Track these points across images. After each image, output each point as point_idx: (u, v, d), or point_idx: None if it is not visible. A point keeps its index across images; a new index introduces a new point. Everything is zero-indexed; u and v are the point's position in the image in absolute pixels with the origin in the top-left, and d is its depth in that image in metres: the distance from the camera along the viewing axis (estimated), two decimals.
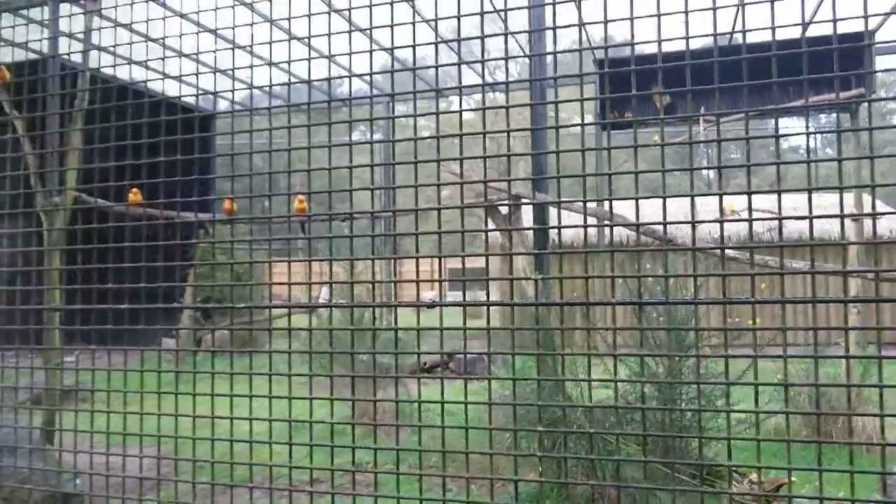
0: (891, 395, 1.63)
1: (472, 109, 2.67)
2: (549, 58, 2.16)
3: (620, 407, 2.98)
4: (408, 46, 2.50)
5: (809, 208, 1.72)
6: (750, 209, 1.81)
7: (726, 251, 4.78)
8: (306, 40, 2.50)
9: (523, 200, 6.20)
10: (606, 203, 2.13)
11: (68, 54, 3.74)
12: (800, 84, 1.83)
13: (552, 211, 6.73)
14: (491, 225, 6.66)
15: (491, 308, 2.16)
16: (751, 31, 1.85)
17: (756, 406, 1.64)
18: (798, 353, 1.74)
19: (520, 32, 2.65)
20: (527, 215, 7.95)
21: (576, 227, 2.19)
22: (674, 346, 4.46)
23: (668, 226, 1.83)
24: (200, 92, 4.20)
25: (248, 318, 5.89)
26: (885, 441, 1.53)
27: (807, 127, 1.90)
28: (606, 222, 5.28)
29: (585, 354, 1.90)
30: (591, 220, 6.00)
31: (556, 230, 9.13)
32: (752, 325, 1.86)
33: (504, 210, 6.43)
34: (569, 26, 2.15)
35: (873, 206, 6.19)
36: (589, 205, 4.96)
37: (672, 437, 3.66)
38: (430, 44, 2.51)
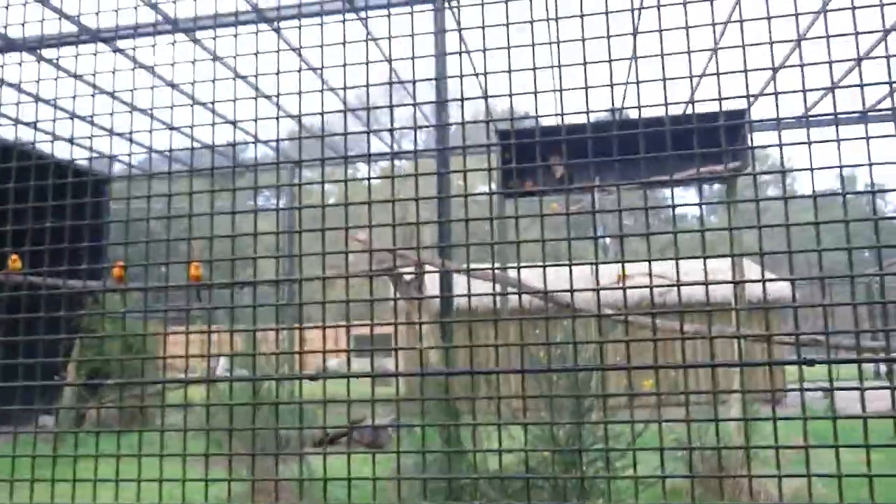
0: (781, 452, 1.70)
1: (379, 178, 2.69)
2: (452, 129, 2.22)
3: (530, 477, 2.96)
4: (316, 114, 2.51)
5: (705, 274, 1.82)
6: (650, 275, 1.90)
7: (623, 316, 4.95)
8: (210, 105, 2.47)
9: (428, 268, 6.25)
10: (509, 270, 2.18)
11: None
12: (687, 157, 1.96)
13: (455, 279, 6.80)
14: (397, 294, 6.64)
15: (393, 377, 2.12)
16: (646, 106, 1.98)
17: (662, 468, 1.67)
18: (699, 415, 1.80)
19: (427, 102, 2.72)
20: (430, 284, 8.00)
21: (486, 294, 2.22)
22: (575, 411, 4.52)
23: (573, 293, 1.89)
24: (95, 154, 4.03)
25: (139, 392, 5.53)
26: (781, 502, 1.59)
27: (700, 198, 2.03)
28: (513, 289, 5.38)
29: (495, 424, 1.90)
30: (498, 288, 6.10)
31: (461, 298, 9.21)
32: (652, 387, 1.92)
33: (408, 278, 6.45)
34: (475, 97, 2.23)
35: (762, 273, 6.64)
36: (494, 272, 5.05)
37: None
38: (338, 111, 2.53)
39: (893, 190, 1.71)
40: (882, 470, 1.59)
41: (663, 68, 1.87)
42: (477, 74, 2.23)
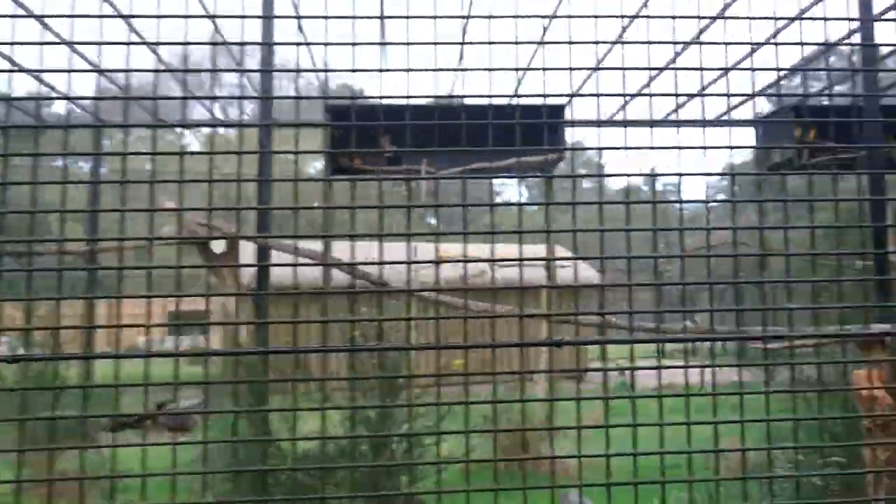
0: (569, 420, 1.80)
1: (200, 153, 2.48)
2: (282, 102, 2.09)
3: (352, 466, 2.94)
4: (120, 70, 2.25)
5: (520, 253, 1.88)
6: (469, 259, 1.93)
7: (440, 296, 5.08)
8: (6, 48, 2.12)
9: (244, 242, 5.96)
10: (328, 245, 2.11)
11: None
12: (511, 145, 2.01)
13: (276, 257, 6.58)
14: (204, 270, 6.26)
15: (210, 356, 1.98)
16: (470, 96, 1.99)
17: (466, 450, 1.70)
18: (508, 393, 1.86)
19: (255, 70, 2.54)
20: (243, 258, 7.69)
21: (286, 266, 2.12)
22: (385, 389, 4.59)
23: (385, 271, 1.87)
24: None
25: None
26: (581, 481, 1.69)
27: (519, 183, 2.09)
28: (328, 263, 5.30)
29: (324, 409, 1.82)
30: (321, 267, 5.96)
31: (282, 275, 8.94)
32: (460, 366, 1.96)
33: (219, 250, 6.10)
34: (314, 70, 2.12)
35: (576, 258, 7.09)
36: (313, 248, 4.94)
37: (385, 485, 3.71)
38: (151, 70, 2.28)
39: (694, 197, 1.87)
40: (668, 441, 1.75)
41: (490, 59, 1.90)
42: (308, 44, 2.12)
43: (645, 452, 1.70)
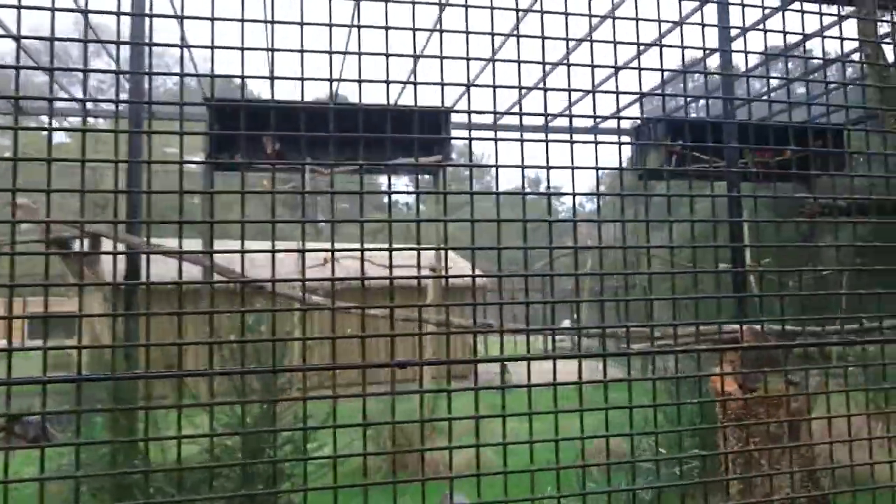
0: (458, 425, 1.85)
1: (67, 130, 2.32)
2: (149, 86, 1.99)
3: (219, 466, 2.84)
4: None
5: (388, 257, 1.90)
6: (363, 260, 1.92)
7: (317, 299, 5.03)
8: None
9: (111, 243, 5.61)
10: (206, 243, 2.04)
11: None
12: (400, 147, 2.03)
13: (150, 258, 6.24)
14: (65, 268, 5.83)
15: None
16: (370, 105, 1.99)
17: (334, 447, 1.69)
18: (379, 392, 1.87)
19: (125, 42, 2.40)
20: (107, 260, 7.28)
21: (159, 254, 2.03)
22: (264, 390, 4.50)
23: (255, 269, 1.83)
24: None
25: None
26: (452, 473, 1.73)
27: (417, 186, 2.12)
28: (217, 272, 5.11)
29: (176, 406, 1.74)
30: (199, 269, 5.72)
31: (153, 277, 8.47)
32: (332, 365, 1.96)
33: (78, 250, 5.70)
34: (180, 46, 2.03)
35: (445, 258, 7.24)
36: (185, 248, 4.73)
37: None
38: (6, 36, 2.06)
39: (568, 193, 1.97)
40: (543, 436, 1.82)
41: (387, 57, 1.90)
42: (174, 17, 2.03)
43: (513, 442, 1.77)
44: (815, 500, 2.75)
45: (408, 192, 2.02)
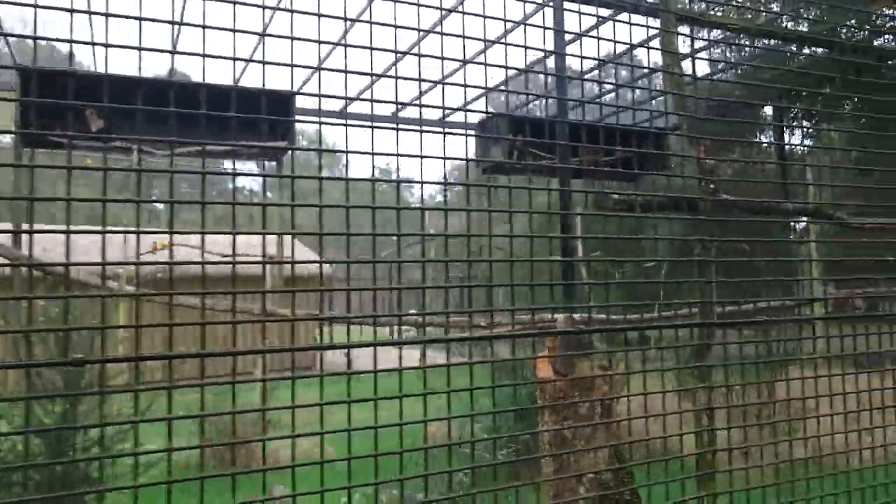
0: (287, 415, 1.81)
1: None
2: None
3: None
4: None
5: (234, 248, 1.83)
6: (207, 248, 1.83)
7: (130, 288, 4.73)
8: None
9: None
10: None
11: None
12: (239, 130, 1.94)
13: None
14: None
15: None
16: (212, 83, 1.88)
17: (169, 442, 1.58)
18: (221, 390, 1.79)
19: None
20: None
21: None
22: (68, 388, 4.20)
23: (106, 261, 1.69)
24: None
25: None
26: (293, 462, 1.70)
27: (263, 169, 2.04)
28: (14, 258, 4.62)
29: None
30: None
31: None
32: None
33: None
34: None
35: (293, 245, 7.04)
36: None
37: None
38: None
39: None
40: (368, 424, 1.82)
41: (204, 43, 1.81)
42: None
43: (334, 430, 1.75)
44: (617, 473, 3.01)
45: (253, 175, 1.95)
